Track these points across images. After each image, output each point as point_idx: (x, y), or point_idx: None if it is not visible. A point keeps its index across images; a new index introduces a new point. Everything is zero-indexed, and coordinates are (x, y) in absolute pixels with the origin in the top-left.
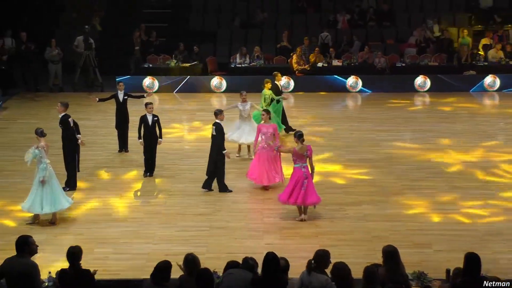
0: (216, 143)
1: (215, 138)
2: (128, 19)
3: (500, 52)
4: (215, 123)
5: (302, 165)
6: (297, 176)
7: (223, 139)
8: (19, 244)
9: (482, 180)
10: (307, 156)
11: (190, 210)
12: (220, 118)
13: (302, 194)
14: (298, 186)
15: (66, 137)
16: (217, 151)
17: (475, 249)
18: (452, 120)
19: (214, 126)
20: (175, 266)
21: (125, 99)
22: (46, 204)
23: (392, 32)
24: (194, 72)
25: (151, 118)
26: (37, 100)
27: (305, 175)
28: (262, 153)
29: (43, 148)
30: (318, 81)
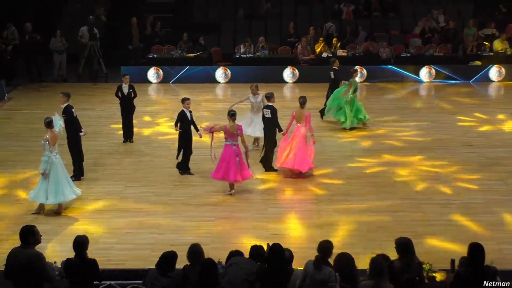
0: (272, 125)
1: (270, 121)
2: (133, 10)
3: (506, 43)
4: (268, 105)
5: (233, 143)
6: (228, 153)
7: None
8: (23, 234)
9: (488, 170)
10: (237, 134)
11: (195, 200)
12: (272, 101)
13: (234, 170)
14: (229, 162)
15: (70, 127)
16: (274, 132)
17: (480, 239)
18: (456, 111)
19: (268, 109)
20: (180, 256)
21: (130, 92)
22: (51, 195)
23: (397, 22)
24: (199, 62)
25: (189, 114)
26: (42, 91)
27: (235, 152)
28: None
29: (46, 140)
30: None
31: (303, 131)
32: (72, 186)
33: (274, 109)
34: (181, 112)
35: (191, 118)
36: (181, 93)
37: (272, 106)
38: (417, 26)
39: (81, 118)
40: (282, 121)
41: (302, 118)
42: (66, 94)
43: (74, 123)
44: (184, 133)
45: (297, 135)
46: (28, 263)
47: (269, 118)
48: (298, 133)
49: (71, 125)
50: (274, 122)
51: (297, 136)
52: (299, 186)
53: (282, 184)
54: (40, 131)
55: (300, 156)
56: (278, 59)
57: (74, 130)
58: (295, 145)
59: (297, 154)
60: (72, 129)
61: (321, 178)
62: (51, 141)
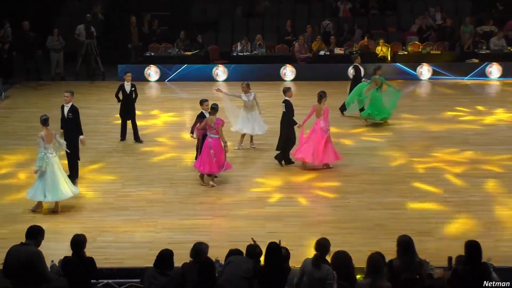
0: (286, 119)
1: (285, 115)
2: (130, 8)
3: (502, 40)
4: (284, 100)
5: (210, 135)
6: (206, 144)
7: (293, 114)
8: (31, 232)
9: (481, 168)
10: (215, 128)
11: (192, 199)
12: (288, 95)
13: (207, 162)
14: (203, 154)
15: (74, 127)
16: (287, 126)
17: (477, 236)
18: (452, 109)
19: (283, 103)
20: (177, 255)
21: (132, 91)
22: (49, 193)
23: (394, 20)
24: (196, 60)
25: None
26: (39, 89)
27: (209, 145)
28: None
29: (41, 137)
30: (320, 69)
31: (322, 125)
32: (69, 184)
33: (288, 103)
34: (200, 114)
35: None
36: (178, 91)
37: (288, 100)
38: (414, 24)
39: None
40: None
41: (321, 112)
42: (72, 92)
43: (78, 124)
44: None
45: (316, 129)
46: (27, 261)
47: (284, 112)
48: (317, 127)
49: (75, 125)
50: (287, 116)
51: (316, 130)
52: (296, 184)
53: (280, 183)
54: (37, 130)
55: (316, 149)
56: (276, 57)
57: (77, 130)
58: (313, 138)
59: (314, 147)
60: (76, 129)
61: (320, 176)
62: (46, 139)
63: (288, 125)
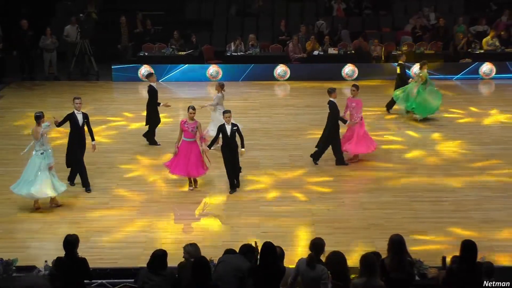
0: (330, 120)
1: (329, 115)
2: (124, 7)
3: (495, 39)
4: (329, 101)
5: (189, 139)
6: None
7: (338, 114)
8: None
9: (476, 167)
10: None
11: (186, 199)
12: (333, 96)
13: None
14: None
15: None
16: (330, 127)
17: (471, 236)
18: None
19: (328, 104)
20: (171, 255)
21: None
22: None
23: (388, 20)
24: (190, 60)
25: (229, 128)
26: (33, 89)
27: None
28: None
29: (41, 134)
30: (314, 69)
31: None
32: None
33: (333, 104)
34: (221, 127)
35: (232, 133)
36: (173, 91)
37: (332, 101)
38: (408, 24)
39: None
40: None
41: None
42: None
43: (90, 129)
44: (226, 146)
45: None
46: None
47: (328, 113)
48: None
49: (82, 131)
50: (332, 117)
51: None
52: (291, 183)
53: (274, 182)
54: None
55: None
56: (270, 57)
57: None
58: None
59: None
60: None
61: (313, 176)
62: (36, 135)
63: (332, 127)
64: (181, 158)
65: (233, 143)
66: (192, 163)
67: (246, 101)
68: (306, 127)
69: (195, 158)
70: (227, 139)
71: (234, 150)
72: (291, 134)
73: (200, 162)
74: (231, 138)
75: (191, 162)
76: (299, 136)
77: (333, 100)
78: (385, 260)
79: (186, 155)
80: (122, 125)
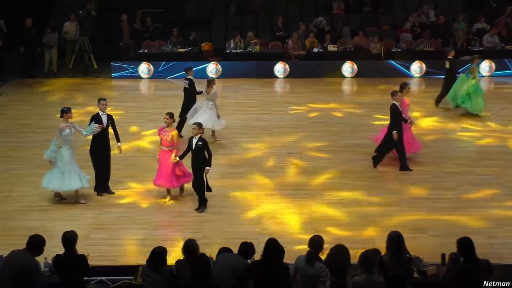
0: (393, 124)
1: (391, 120)
2: (123, 5)
3: (495, 37)
4: (392, 104)
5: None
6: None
7: (400, 119)
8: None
9: (475, 165)
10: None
11: (186, 196)
12: (396, 99)
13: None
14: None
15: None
16: (388, 132)
17: (470, 233)
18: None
19: (390, 108)
20: (171, 252)
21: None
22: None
23: (388, 17)
24: (189, 57)
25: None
26: (33, 86)
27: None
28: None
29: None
30: (313, 67)
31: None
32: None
33: (394, 107)
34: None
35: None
36: (172, 89)
37: (394, 105)
38: (408, 21)
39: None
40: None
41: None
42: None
43: (115, 131)
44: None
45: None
46: (24, 269)
47: (390, 117)
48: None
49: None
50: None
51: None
52: (289, 181)
53: (273, 179)
54: (30, 127)
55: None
56: (269, 54)
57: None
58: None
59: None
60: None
61: (313, 173)
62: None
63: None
64: (160, 167)
65: (197, 159)
66: (166, 174)
67: (245, 98)
68: (306, 124)
69: (167, 169)
70: (191, 152)
71: (198, 166)
72: (290, 131)
73: (172, 173)
74: (194, 152)
75: (167, 172)
76: (298, 134)
77: (396, 103)
78: (384, 257)
79: (164, 164)
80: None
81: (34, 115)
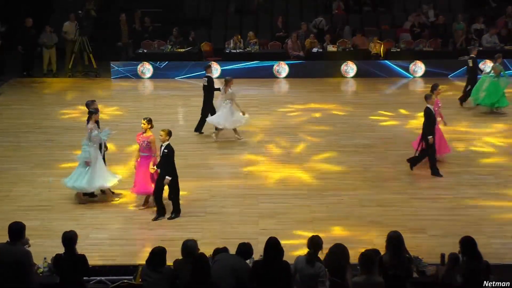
0: (426, 127)
1: (425, 123)
2: (122, 5)
3: (494, 37)
4: (425, 108)
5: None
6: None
7: (434, 123)
8: (17, 230)
9: (477, 165)
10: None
11: (185, 196)
12: (430, 102)
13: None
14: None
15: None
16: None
17: (469, 233)
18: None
19: (424, 111)
20: (170, 252)
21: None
22: None
23: (387, 17)
24: (189, 57)
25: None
26: (32, 86)
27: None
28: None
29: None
30: (313, 67)
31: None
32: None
33: (428, 111)
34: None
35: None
36: (172, 87)
37: (428, 108)
38: (407, 21)
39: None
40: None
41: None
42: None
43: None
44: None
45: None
46: (16, 261)
47: (424, 120)
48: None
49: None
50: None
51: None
52: (290, 181)
53: (273, 179)
54: (30, 127)
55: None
56: (269, 54)
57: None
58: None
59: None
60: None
61: (312, 173)
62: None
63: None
64: (136, 174)
65: (162, 166)
66: (143, 180)
67: (245, 98)
68: (305, 124)
69: (144, 174)
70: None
71: (161, 175)
72: (290, 131)
73: (150, 178)
74: (160, 159)
75: (143, 178)
76: (298, 134)
77: (430, 107)
78: (384, 257)
79: (140, 169)
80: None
81: (33, 115)
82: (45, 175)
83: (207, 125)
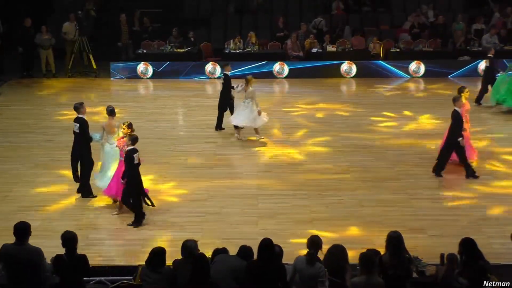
0: (451, 130)
1: (451, 126)
2: (122, 5)
3: (494, 37)
4: (453, 110)
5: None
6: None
7: (461, 126)
8: (23, 230)
9: (477, 165)
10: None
11: (185, 196)
12: (458, 105)
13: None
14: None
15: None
16: (451, 138)
17: (469, 234)
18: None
19: (452, 114)
20: (169, 252)
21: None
22: None
23: (387, 17)
24: (189, 57)
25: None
26: (31, 86)
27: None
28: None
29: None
30: (313, 67)
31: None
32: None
33: (456, 114)
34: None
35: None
36: (172, 87)
37: (456, 111)
38: (407, 21)
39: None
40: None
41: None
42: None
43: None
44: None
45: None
46: (28, 260)
47: (451, 123)
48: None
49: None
50: (453, 128)
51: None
52: (289, 181)
53: (273, 180)
54: (29, 127)
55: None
56: (268, 55)
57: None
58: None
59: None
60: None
61: (312, 173)
62: (106, 128)
63: (452, 138)
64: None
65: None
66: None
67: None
68: (305, 124)
69: (116, 178)
70: None
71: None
72: (289, 131)
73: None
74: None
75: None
76: (297, 134)
77: (458, 109)
78: (383, 257)
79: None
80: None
81: (33, 115)
82: (45, 175)
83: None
